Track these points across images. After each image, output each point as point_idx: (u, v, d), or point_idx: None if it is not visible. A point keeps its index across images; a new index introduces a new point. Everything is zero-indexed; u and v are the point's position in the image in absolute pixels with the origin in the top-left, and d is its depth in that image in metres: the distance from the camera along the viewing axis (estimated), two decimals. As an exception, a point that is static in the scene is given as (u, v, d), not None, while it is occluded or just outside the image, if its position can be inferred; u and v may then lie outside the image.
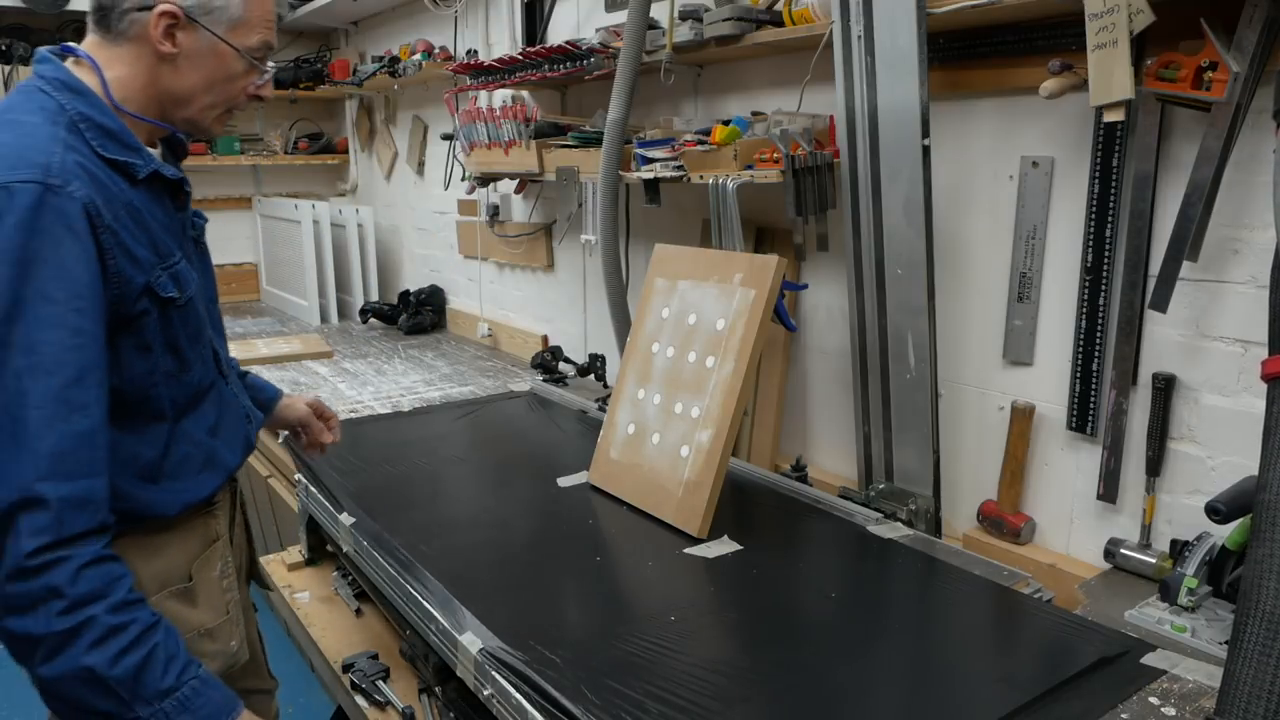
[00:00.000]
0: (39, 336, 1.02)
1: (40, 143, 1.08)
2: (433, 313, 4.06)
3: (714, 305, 1.78)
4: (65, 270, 1.04)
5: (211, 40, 1.20)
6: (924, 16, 1.70)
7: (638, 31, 2.21)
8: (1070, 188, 1.76)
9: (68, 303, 1.04)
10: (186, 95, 1.23)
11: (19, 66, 3.87)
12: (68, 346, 1.04)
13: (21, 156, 1.06)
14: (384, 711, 1.55)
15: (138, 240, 1.15)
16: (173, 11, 1.16)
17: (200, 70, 1.21)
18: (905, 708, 1.25)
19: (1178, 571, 1.49)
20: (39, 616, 1.00)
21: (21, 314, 1.01)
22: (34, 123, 1.11)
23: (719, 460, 1.68)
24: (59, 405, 1.02)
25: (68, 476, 1.03)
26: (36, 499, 1.00)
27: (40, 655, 1.02)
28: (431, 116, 4.05)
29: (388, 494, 1.95)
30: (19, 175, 1.04)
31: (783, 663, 1.29)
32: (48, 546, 1.01)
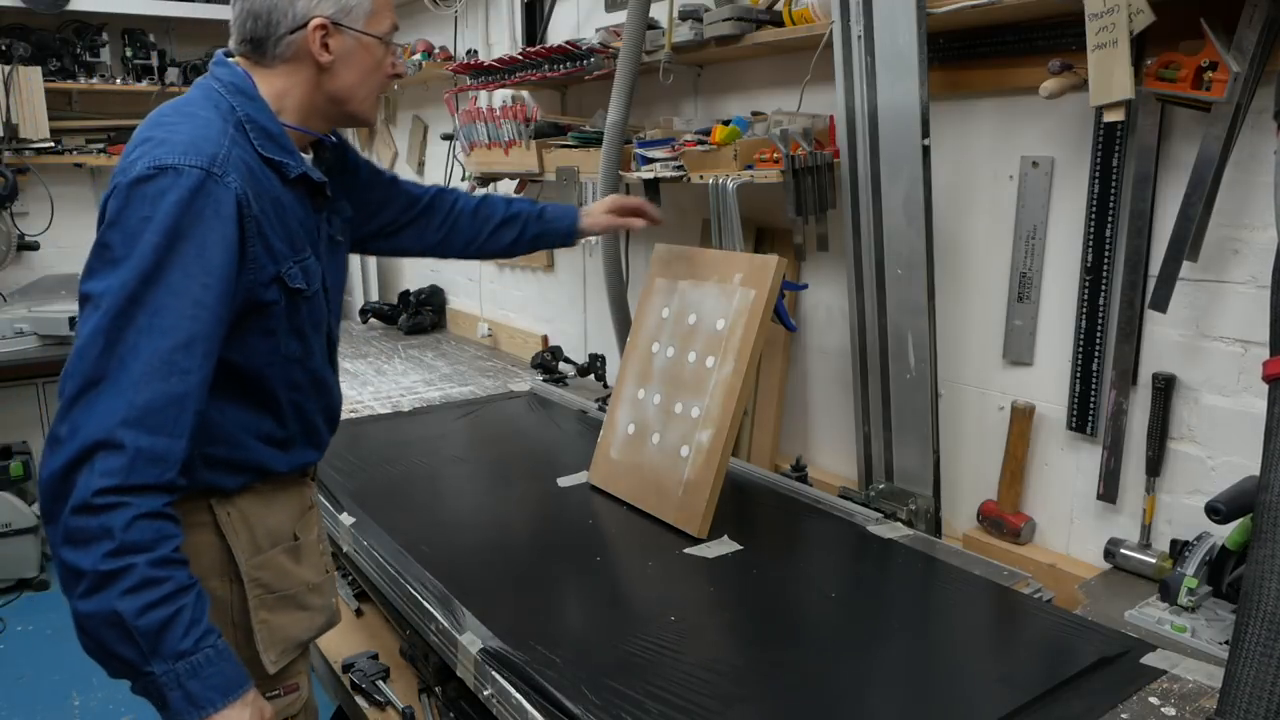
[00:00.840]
0: (165, 301, 1.12)
1: (212, 135, 1.21)
2: (433, 313, 4.06)
3: (714, 305, 1.78)
4: (205, 249, 1.15)
5: (356, 37, 1.32)
6: (924, 16, 1.70)
7: (637, 31, 2.21)
8: (1070, 188, 1.76)
9: (198, 277, 1.15)
10: (347, 93, 1.35)
11: (19, 66, 3.87)
12: (187, 315, 1.14)
13: (194, 145, 1.18)
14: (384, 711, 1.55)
15: (276, 232, 1.27)
16: (323, 23, 1.28)
17: (354, 67, 1.33)
18: (905, 708, 1.25)
19: (1178, 571, 1.49)
20: (89, 552, 1.07)
21: (159, 279, 1.12)
22: (208, 118, 1.24)
23: (719, 460, 1.68)
24: (163, 364, 1.12)
25: (151, 430, 1.10)
26: (116, 443, 1.08)
27: (81, 589, 1.07)
28: (431, 116, 4.05)
29: (388, 494, 1.95)
30: (189, 160, 1.16)
31: (783, 663, 1.29)
32: (114, 489, 1.08)
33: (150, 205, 1.13)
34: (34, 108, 3.89)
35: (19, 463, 3.77)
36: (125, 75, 4.30)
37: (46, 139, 3.97)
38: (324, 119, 1.38)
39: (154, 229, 1.12)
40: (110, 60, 4.25)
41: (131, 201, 1.14)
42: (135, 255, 1.12)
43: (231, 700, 1.15)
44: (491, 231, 1.79)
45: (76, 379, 1.10)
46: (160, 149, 1.17)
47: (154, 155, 1.16)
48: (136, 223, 1.13)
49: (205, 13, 4.41)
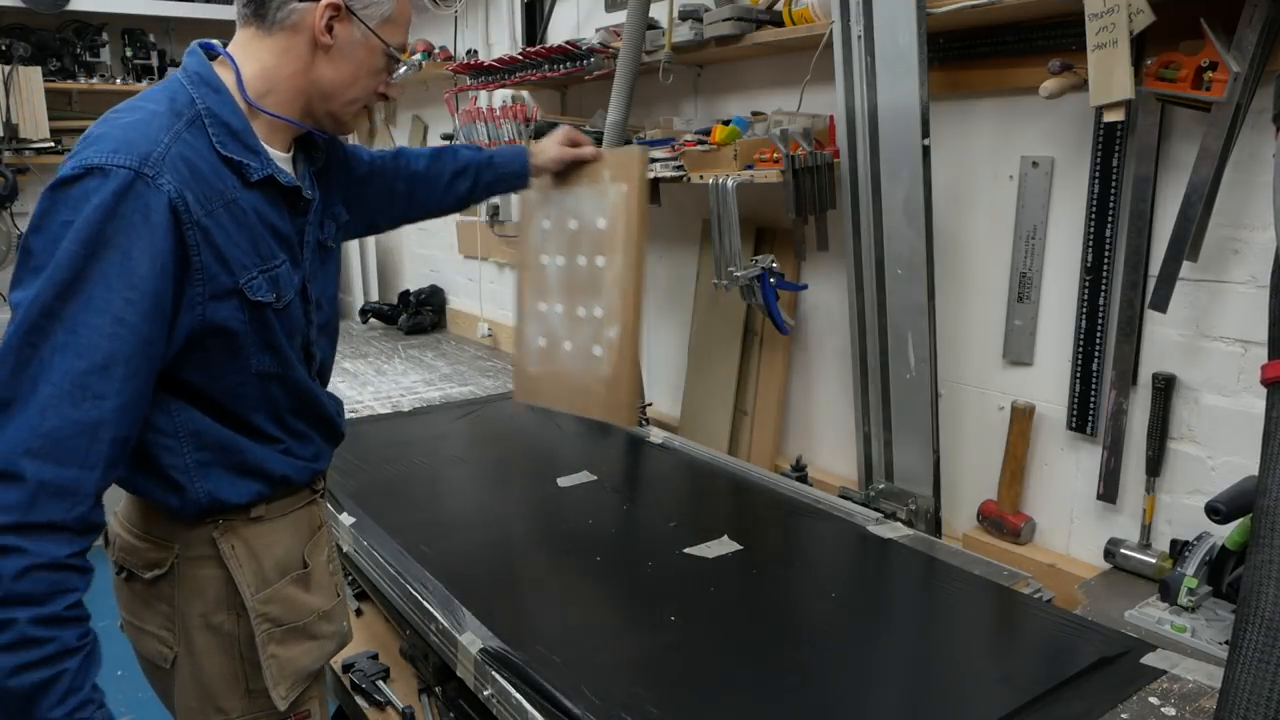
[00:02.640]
0: (83, 317, 1.01)
1: (151, 131, 1.09)
2: (433, 313, 4.06)
3: (591, 206, 1.73)
4: (130, 259, 1.03)
5: (365, 34, 1.23)
6: (924, 16, 1.70)
7: (637, 31, 2.21)
8: (1070, 188, 1.76)
9: (120, 291, 1.03)
10: (334, 88, 1.25)
11: (19, 66, 3.87)
12: (105, 334, 1.02)
13: (127, 141, 1.07)
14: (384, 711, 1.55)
15: (233, 240, 1.14)
16: (336, 3, 1.19)
17: (351, 63, 1.24)
18: (905, 708, 1.25)
19: (1178, 571, 1.49)
20: None
21: (77, 291, 1.01)
22: (155, 111, 1.12)
23: (631, 352, 1.65)
24: (74, 388, 1.00)
25: (57, 461, 0.99)
26: (15, 474, 0.97)
27: None
28: (431, 116, 4.05)
29: (388, 494, 1.95)
30: (118, 160, 1.05)
31: (782, 663, 1.29)
32: (11, 527, 0.97)
33: (72, 209, 1.02)
34: (34, 108, 3.89)
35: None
36: (125, 75, 4.30)
37: (46, 139, 3.97)
38: (306, 114, 1.27)
39: (73, 236, 1.01)
40: (110, 60, 4.25)
41: (54, 205, 1.03)
42: (54, 263, 1.00)
43: None
44: (445, 187, 1.67)
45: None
46: (90, 148, 1.06)
47: (82, 154, 1.05)
48: (58, 228, 1.02)
49: (205, 13, 4.41)
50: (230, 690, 1.28)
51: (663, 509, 1.93)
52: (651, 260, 2.86)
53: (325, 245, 1.37)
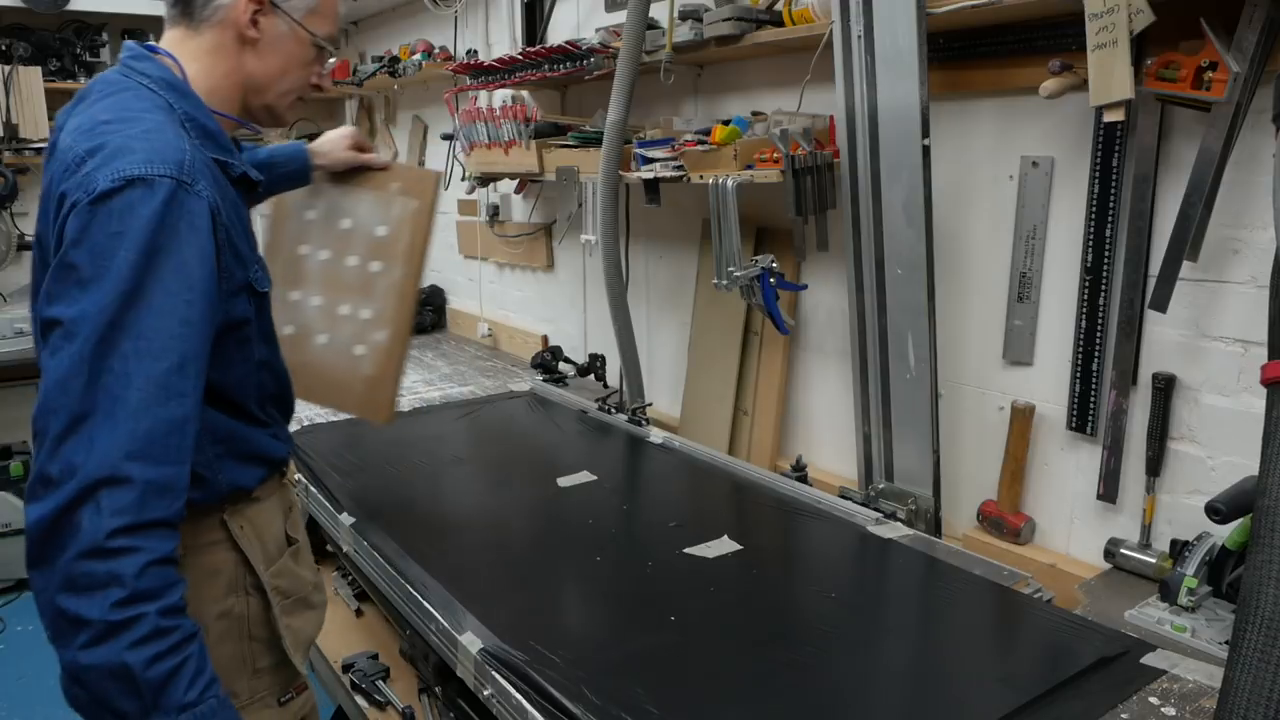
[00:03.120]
0: (151, 323, 1.05)
1: (172, 140, 1.13)
2: (433, 313, 4.05)
3: (370, 211, 1.75)
4: (185, 264, 1.08)
5: (291, 26, 1.28)
6: (924, 16, 1.70)
7: (637, 31, 2.21)
8: (1070, 188, 1.76)
9: (180, 294, 1.07)
10: (266, 81, 1.29)
11: (19, 66, 3.87)
12: (175, 335, 1.07)
13: (159, 152, 1.10)
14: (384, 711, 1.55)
15: (241, 237, 1.21)
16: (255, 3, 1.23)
17: (279, 55, 1.29)
18: (905, 708, 1.25)
19: (1178, 571, 1.49)
20: (95, 601, 0.99)
21: (140, 300, 1.04)
22: (160, 121, 1.15)
23: (399, 356, 1.71)
24: (159, 390, 1.04)
25: (157, 461, 1.04)
26: (123, 478, 1.01)
27: (83, 640, 1.00)
28: (431, 116, 4.05)
29: (388, 494, 1.95)
30: (157, 170, 1.08)
31: (783, 663, 1.29)
32: (127, 529, 1.01)
33: (119, 220, 1.05)
34: (34, 108, 3.89)
35: (19, 463, 3.77)
36: (125, 75, 4.30)
37: (46, 139, 3.97)
38: (243, 109, 1.32)
39: (129, 246, 1.04)
40: (110, 60, 4.25)
41: (97, 218, 1.04)
42: (111, 275, 1.03)
43: None
44: None
45: (62, 415, 1.01)
46: (121, 159, 1.08)
47: (116, 166, 1.07)
48: (105, 240, 1.04)
49: (205, 13, 4.40)
50: (239, 673, 1.30)
51: (663, 509, 1.93)
52: (652, 260, 2.86)
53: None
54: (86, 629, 0.99)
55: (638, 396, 2.53)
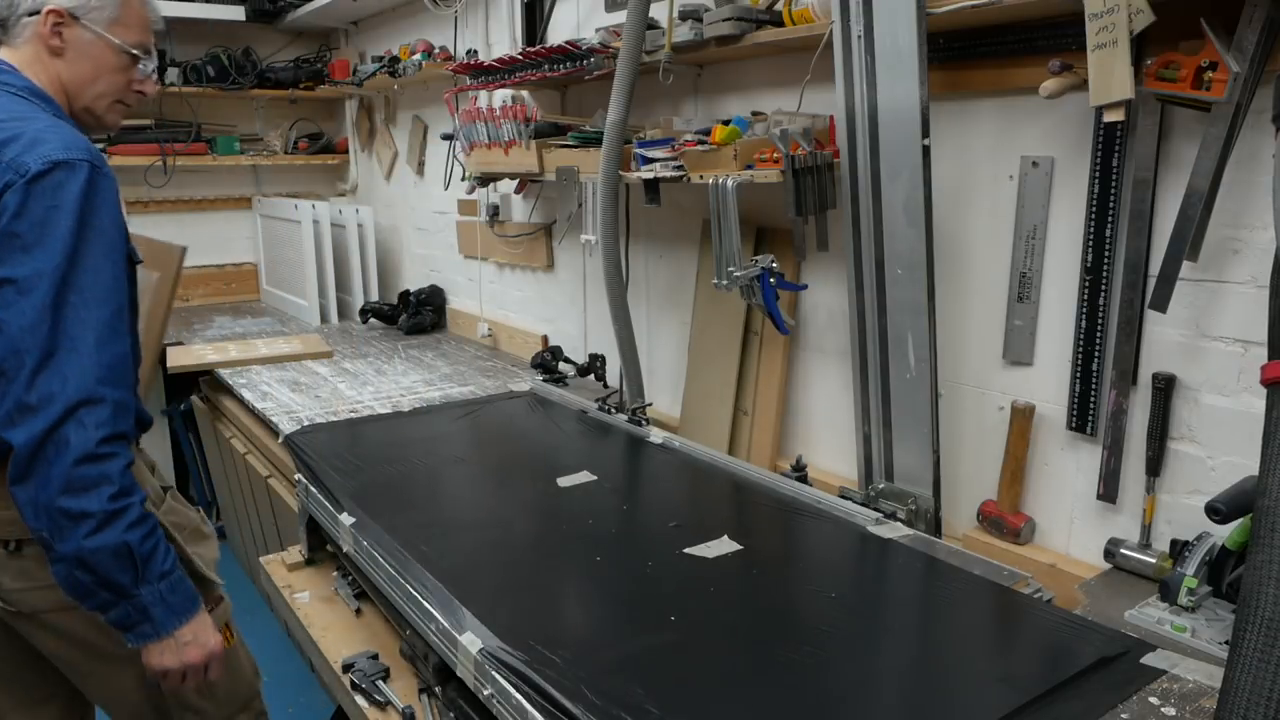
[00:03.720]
0: (91, 279, 1.29)
1: (73, 132, 1.36)
2: (433, 313, 4.06)
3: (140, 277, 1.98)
4: (106, 231, 1.32)
5: (94, 35, 1.45)
6: (924, 16, 1.70)
7: (637, 31, 2.21)
8: (1070, 188, 1.76)
9: (108, 255, 1.32)
10: (79, 85, 1.47)
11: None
12: (110, 288, 1.32)
13: (70, 141, 1.32)
14: (384, 711, 1.55)
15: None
16: (57, 10, 1.42)
17: (87, 61, 1.46)
18: (905, 708, 1.25)
19: (1178, 571, 1.49)
20: (94, 497, 1.24)
21: (80, 261, 1.28)
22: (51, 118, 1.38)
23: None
24: (108, 330, 1.29)
25: (116, 385, 1.28)
26: (98, 398, 1.26)
27: (88, 529, 1.24)
28: (431, 116, 4.05)
29: (388, 494, 1.95)
30: (75, 155, 1.31)
31: (783, 662, 1.29)
32: (108, 439, 1.26)
33: (52, 196, 1.27)
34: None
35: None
36: (125, 75, 4.30)
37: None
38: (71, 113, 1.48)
39: (65, 216, 1.27)
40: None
41: (33, 194, 1.26)
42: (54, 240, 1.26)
43: (195, 610, 1.40)
44: None
45: (34, 353, 1.23)
46: (42, 146, 1.30)
47: (40, 152, 1.29)
48: (43, 212, 1.26)
49: (205, 13, 4.41)
50: None
51: (663, 509, 1.93)
52: (652, 260, 2.86)
53: None
54: (90, 519, 1.24)
55: (638, 396, 2.53)
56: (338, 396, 2.85)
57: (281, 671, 3.14)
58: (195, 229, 4.69)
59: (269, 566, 2.12)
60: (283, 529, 2.85)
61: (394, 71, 3.73)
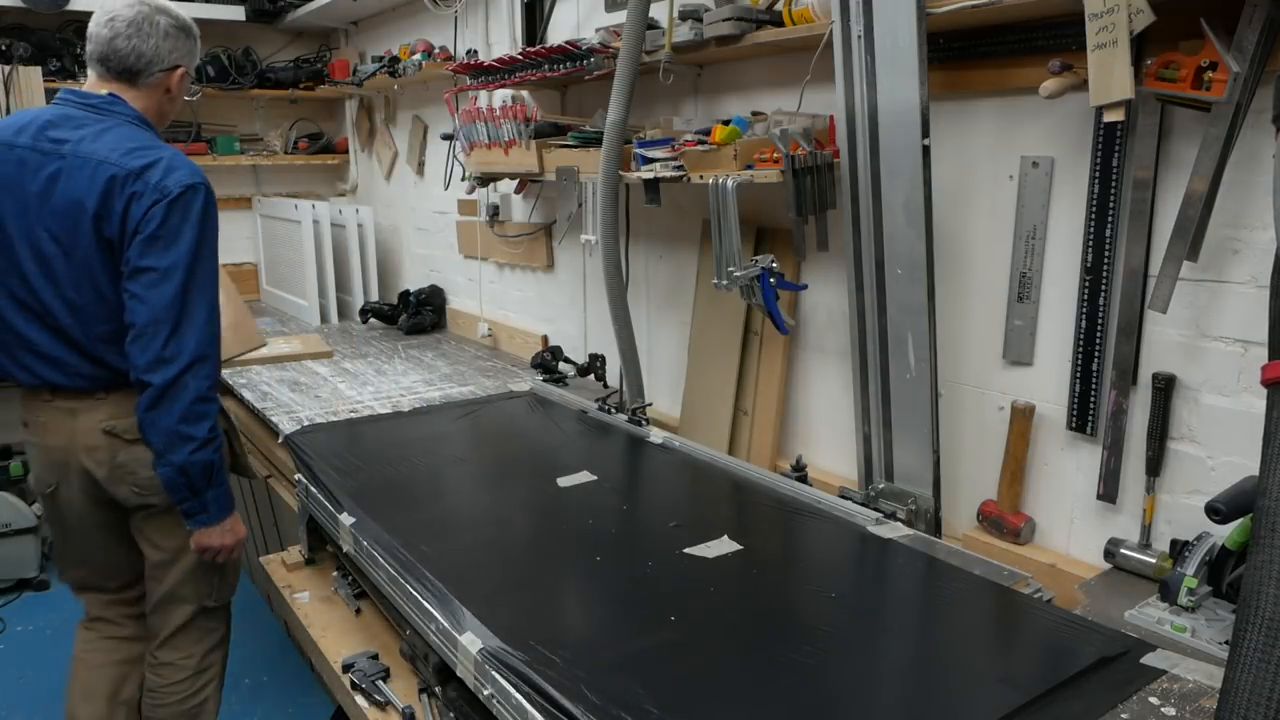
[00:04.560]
0: (204, 273, 1.82)
1: (191, 161, 1.86)
2: (433, 313, 4.05)
3: None
4: (213, 237, 1.86)
5: (184, 84, 2.01)
6: (924, 16, 1.70)
7: (637, 31, 2.21)
8: (1070, 188, 1.76)
9: (213, 255, 1.86)
10: (169, 115, 2.05)
11: (19, 66, 3.87)
12: (213, 279, 1.85)
13: (193, 169, 1.84)
14: (384, 711, 1.55)
15: None
16: (186, 71, 1.99)
17: (177, 101, 2.04)
18: (905, 708, 1.25)
19: (1178, 571, 1.49)
20: (200, 427, 1.81)
21: (201, 261, 1.81)
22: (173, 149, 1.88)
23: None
24: (211, 309, 1.84)
25: (214, 350, 1.84)
26: (208, 356, 1.82)
27: (193, 448, 1.80)
28: (431, 116, 4.05)
29: (388, 494, 1.95)
30: (200, 179, 1.83)
31: (783, 663, 1.29)
32: (210, 388, 1.83)
33: (184, 210, 1.79)
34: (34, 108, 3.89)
35: (19, 463, 3.77)
36: (125, 75, 4.30)
37: (46, 139, 3.96)
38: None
39: (191, 226, 1.80)
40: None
41: (173, 209, 1.78)
42: (183, 243, 1.78)
43: (233, 510, 1.97)
44: None
45: (169, 323, 1.76)
46: (178, 172, 1.81)
47: (177, 177, 1.80)
48: (178, 223, 1.79)
49: (205, 13, 4.41)
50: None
51: (663, 509, 1.93)
52: (652, 260, 2.86)
53: None
54: (194, 442, 1.80)
55: (638, 396, 2.53)
56: (338, 396, 2.85)
57: (281, 671, 3.14)
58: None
59: (269, 566, 2.12)
60: (283, 529, 2.85)
61: (394, 71, 3.73)
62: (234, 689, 3.06)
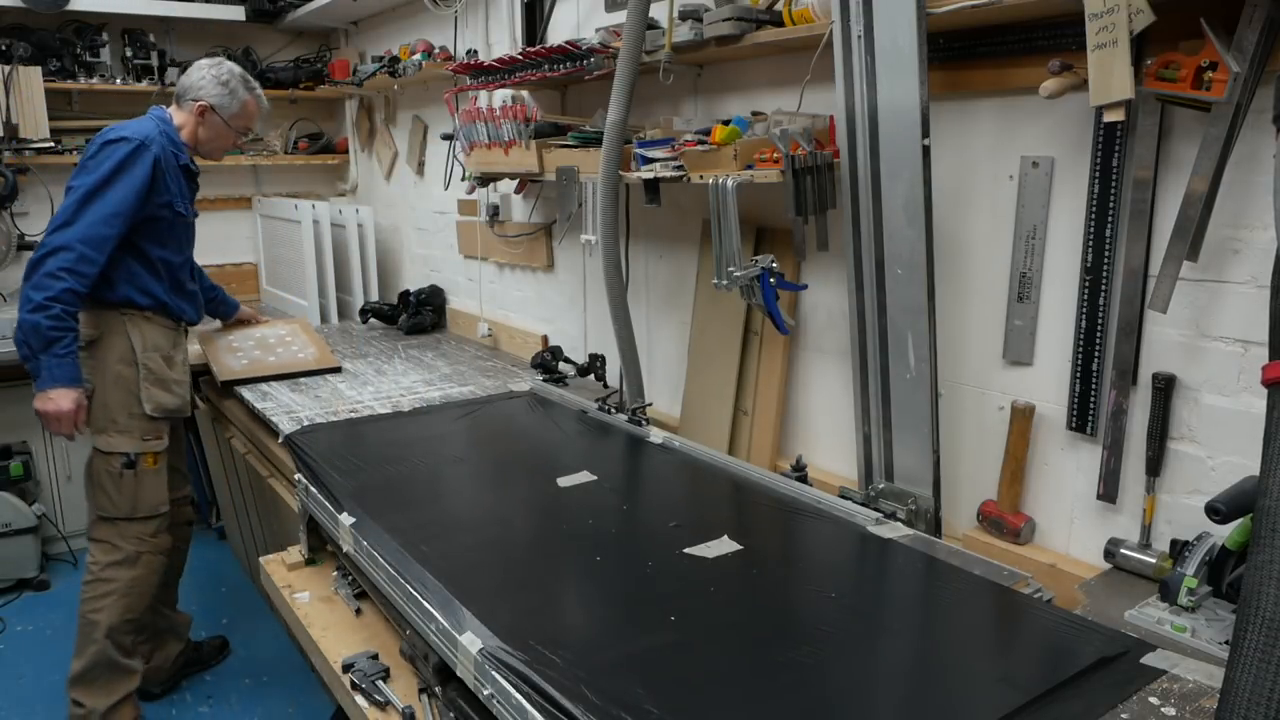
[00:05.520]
0: (103, 201, 2.42)
1: (148, 131, 2.54)
2: (433, 313, 4.05)
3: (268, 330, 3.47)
4: (127, 181, 2.46)
5: (220, 121, 2.71)
6: (924, 16, 1.70)
7: (637, 31, 2.21)
8: (1070, 188, 1.76)
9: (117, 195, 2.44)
10: (205, 141, 2.73)
11: (19, 66, 3.87)
12: (109, 210, 2.43)
13: (135, 131, 2.52)
14: (384, 711, 1.55)
15: (173, 182, 2.59)
16: (204, 107, 2.67)
17: (213, 130, 2.72)
18: (905, 707, 1.25)
19: (1178, 571, 1.49)
20: (38, 293, 2.33)
21: (102, 189, 2.43)
22: (148, 123, 2.59)
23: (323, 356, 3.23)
24: (93, 228, 2.40)
25: (86, 246, 2.38)
26: (70, 246, 2.36)
27: (29, 308, 2.31)
28: (431, 116, 4.05)
29: (388, 494, 1.95)
30: (133, 136, 2.49)
31: (783, 663, 1.29)
32: (63, 269, 2.35)
33: (110, 152, 2.46)
34: (34, 108, 3.89)
35: (19, 463, 3.77)
36: (125, 75, 4.31)
37: (46, 139, 3.96)
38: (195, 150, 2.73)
39: (107, 166, 2.43)
40: (110, 60, 4.25)
41: (101, 150, 2.47)
42: (95, 175, 2.42)
43: (68, 385, 2.41)
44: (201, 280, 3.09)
45: (58, 221, 2.39)
46: (123, 130, 2.51)
47: (118, 132, 2.50)
48: (99, 161, 2.45)
49: (205, 13, 4.41)
50: (121, 409, 2.59)
51: (663, 509, 1.93)
52: (652, 260, 2.86)
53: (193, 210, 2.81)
54: (31, 303, 2.32)
55: (638, 396, 2.53)
56: (338, 396, 2.85)
57: (281, 671, 3.14)
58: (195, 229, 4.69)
59: (269, 566, 2.12)
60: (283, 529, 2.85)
61: (394, 71, 3.73)
62: (234, 689, 3.07)
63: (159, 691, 3.01)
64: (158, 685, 3.00)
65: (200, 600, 3.58)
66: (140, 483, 2.63)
